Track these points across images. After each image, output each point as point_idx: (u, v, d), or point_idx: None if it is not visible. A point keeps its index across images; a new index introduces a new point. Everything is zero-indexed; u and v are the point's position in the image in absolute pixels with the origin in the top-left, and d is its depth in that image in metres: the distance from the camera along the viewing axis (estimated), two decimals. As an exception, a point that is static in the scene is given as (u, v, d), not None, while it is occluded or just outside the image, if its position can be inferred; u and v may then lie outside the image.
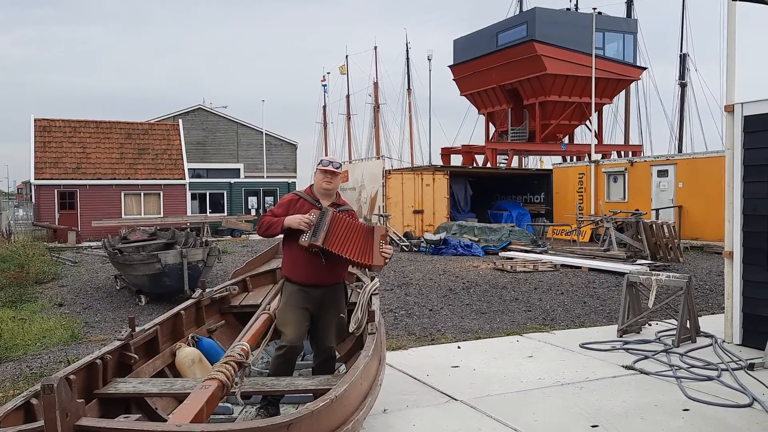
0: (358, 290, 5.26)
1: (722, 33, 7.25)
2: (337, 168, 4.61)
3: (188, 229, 18.26)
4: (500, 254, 17.22)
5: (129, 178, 27.44)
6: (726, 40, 6.81)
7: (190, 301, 5.55)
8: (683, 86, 36.67)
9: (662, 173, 20.79)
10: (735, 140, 6.88)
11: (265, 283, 6.71)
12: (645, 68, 33.98)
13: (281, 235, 4.58)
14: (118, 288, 12.06)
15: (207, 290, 5.88)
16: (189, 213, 28.26)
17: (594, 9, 28.27)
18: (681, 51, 36.77)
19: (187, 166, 29.21)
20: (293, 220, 4.39)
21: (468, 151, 34.26)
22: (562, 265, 14.44)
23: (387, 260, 4.46)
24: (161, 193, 27.86)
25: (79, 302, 11.01)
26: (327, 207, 4.50)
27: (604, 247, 16.34)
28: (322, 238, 4.29)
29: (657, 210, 20.16)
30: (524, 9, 36.04)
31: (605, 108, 34.57)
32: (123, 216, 26.57)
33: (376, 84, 50.87)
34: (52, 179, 26.30)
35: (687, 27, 37.19)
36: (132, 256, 11.42)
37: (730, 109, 6.93)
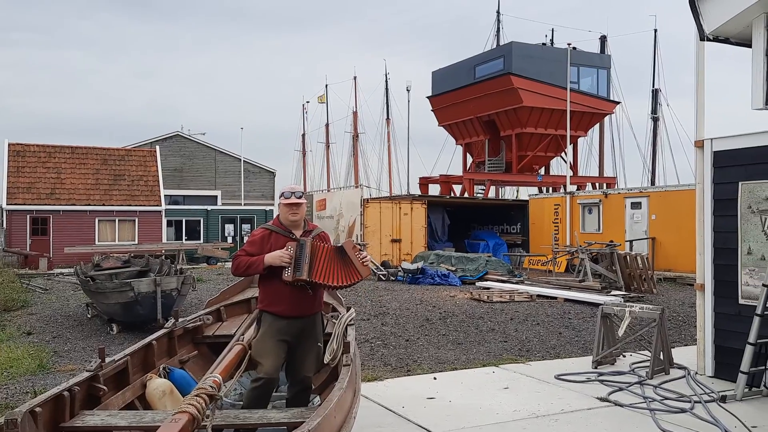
0: (334, 321, 5.23)
1: (692, 70, 7.50)
2: (299, 197, 4.58)
3: (163, 257, 18.03)
4: (477, 284, 17.26)
5: (104, 204, 27.11)
6: (695, 77, 7.01)
7: (162, 331, 5.46)
8: (655, 120, 37.55)
9: (636, 205, 21.13)
10: (705, 175, 7.04)
11: (239, 312, 6.63)
12: (618, 102, 34.75)
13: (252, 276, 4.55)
14: (89, 316, 11.83)
15: (180, 320, 5.79)
16: (164, 240, 27.94)
17: (569, 44, 28.96)
18: (653, 86, 37.77)
19: (163, 192, 28.98)
20: (274, 258, 4.34)
21: (446, 181, 34.52)
22: (538, 296, 14.51)
23: (372, 266, 4.50)
24: (136, 220, 27.55)
25: (48, 331, 10.76)
26: (303, 238, 4.48)
27: (580, 277, 16.48)
28: (307, 271, 4.27)
29: (631, 241, 20.42)
30: (501, 43, 36.80)
31: (580, 140, 35.18)
32: (97, 243, 26.18)
33: (355, 113, 51.28)
34: (24, 204, 25.89)
35: (659, 62, 38.22)
36: (104, 284, 11.23)
37: (700, 145, 7.11)
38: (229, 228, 30.60)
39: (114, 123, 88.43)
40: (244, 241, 5.01)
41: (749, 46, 4.47)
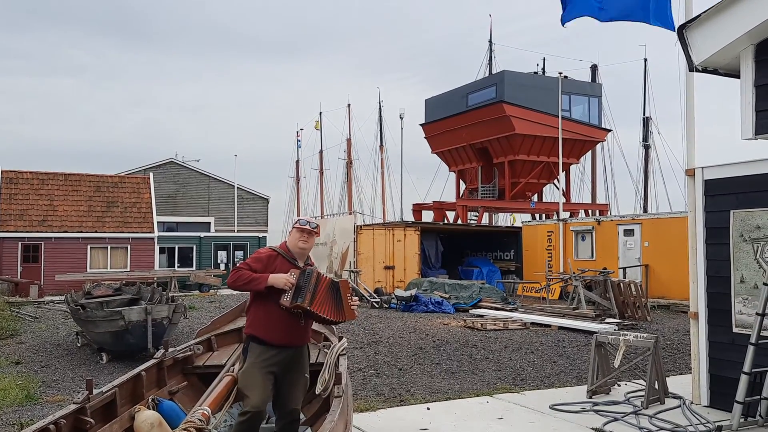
0: (326, 350, 5.18)
1: (682, 98, 7.61)
2: (314, 228, 4.56)
3: (155, 284, 17.90)
4: (471, 311, 17.18)
5: (96, 231, 26.97)
6: (685, 107, 7.09)
7: (151, 361, 5.38)
8: (647, 148, 37.84)
9: (628, 232, 21.19)
10: (696, 203, 7.07)
11: (230, 342, 6.56)
12: (610, 130, 35.06)
13: (248, 291, 4.48)
14: (78, 345, 11.69)
15: (170, 349, 5.72)
16: (157, 267, 27.76)
17: (560, 73, 29.29)
18: (644, 114, 38.12)
19: (156, 219, 28.86)
20: (279, 280, 4.28)
21: (439, 208, 34.59)
22: (532, 323, 14.44)
23: (357, 313, 4.50)
24: (129, 247, 27.39)
25: (37, 360, 10.61)
26: (310, 267, 4.48)
27: (573, 305, 16.43)
28: (309, 300, 4.25)
29: (624, 269, 20.43)
30: (494, 71, 37.19)
31: (572, 167, 35.38)
32: (88, 270, 25.98)
33: (349, 140, 51.48)
34: (16, 231, 25.72)
35: (649, 91, 38.61)
36: (95, 313, 11.10)
37: (691, 173, 7.15)
38: (222, 255, 30.44)
39: (107, 150, 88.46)
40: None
41: (738, 77, 4.53)
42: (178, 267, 28.94)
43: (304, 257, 4.61)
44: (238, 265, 4.45)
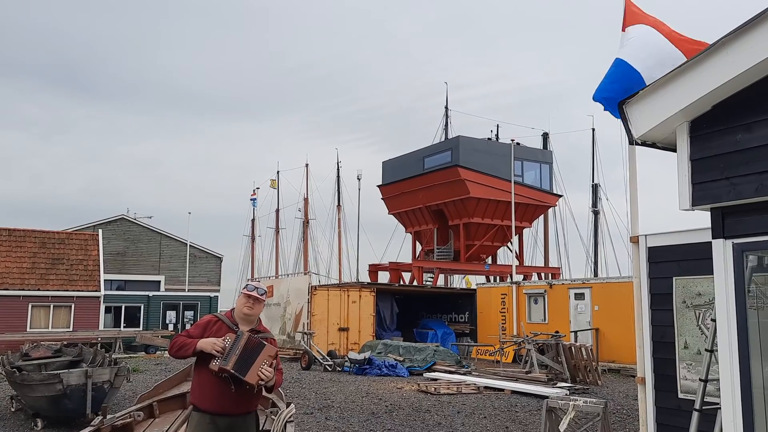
0: (273, 417, 5.03)
1: (626, 171, 7.95)
2: (261, 295, 4.47)
3: (98, 346, 17.21)
4: (425, 375, 17.00)
5: (39, 289, 25.93)
6: (629, 177, 7.37)
7: (87, 429, 5.13)
8: (596, 213, 38.99)
9: (579, 296, 21.53)
10: (641, 269, 7.26)
11: (173, 408, 6.32)
12: (561, 195, 36.13)
13: (193, 358, 4.37)
14: (13, 410, 11.06)
15: (109, 416, 5.47)
16: (102, 327, 26.74)
17: (512, 140, 30.28)
18: (593, 181, 39.46)
19: (103, 277, 28.00)
20: (207, 343, 4.21)
21: (395, 269, 34.64)
22: (486, 387, 14.36)
23: (261, 382, 4.17)
24: (73, 306, 26.36)
25: (-36, 427, 9.97)
26: (242, 331, 4.35)
27: (526, 368, 16.45)
28: (233, 363, 4.12)
29: (575, 332, 20.66)
30: (449, 136, 38.19)
31: (526, 231, 36.13)
32: (28, 329, 24.82)
33: (306, 200, 51.55)
34: (-48, 288, 24.56)
35: (597, 159, 40.20)
36: (31, 376, 10.54)
37: (635, 240, 7.38)
38: (171, 315, 29.58)
39: (54, 205, 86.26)
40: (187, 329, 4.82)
41: (675, 150, 4.76)
42: (125, 327, 27.95)
43: (249, 323, 4.48)
44: (179, 333, 4.42)
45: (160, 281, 40.00)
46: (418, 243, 37.07)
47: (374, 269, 35.86)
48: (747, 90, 3.95)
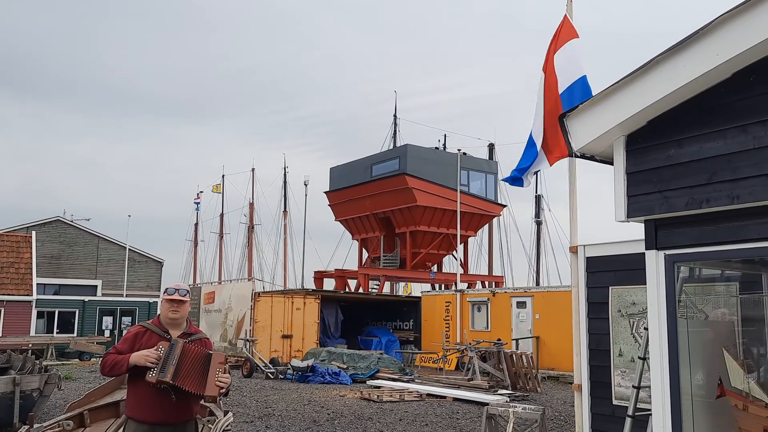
0: (210, 425, 4.92)
1: (566, 183, 8.18)
2: (183, 296, 4.37)
3: (29, 352, 16.48)
4: (368, 382, 16.97)
5: (-35, 292, 24.72)
6: (569, 189, 7.57)
7: (12, 440, 4.90)
8: (539, 224, 39.90)
9: (521, 304, 21.93)
10: (579, 279, 7.45)
11: (105, 416, 6.10)
12: (505, 206, 36.76)
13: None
14: (-70, 421, 10.44)
15: (36, 425, 5.24)
16: (33, 333, 25.63)
17: (459, 150, 30.69)
18: (536, 192, 40.39)
19: (36, 281, 26.89)
20: (139, 357, 4.08)
21: (341, 276, 34.48)
22: (428, 395, 14.43)
23: (222, 390, 4.17)
24: (2, 310, 25.21)
25: None
26: (177, 339, 4.23)
27: (468, 376, 16.62)
28: (171, 373, 4.00)
29: (517, 340, 21.01)
30: (397, 144, 38.41)
31: (470, 240, 36.59)
32: (-48, 335, 23.61)
33: (251, 204, 50.90)
34: None
35: (541, 171, 41.10)
36: (-47, 384, 10.01)
37: (574, 250, 7.56)
38: (108, 321, 28.57)
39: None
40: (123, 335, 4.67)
41: (612, 163, 4.90)
42: (58, 333, 26.84)
43: (178, 326, 4.38)
44: (106, 352, 4.29)
45: (96, 286, 38.69)
46: (364, 250, 37.06)
47: (320, 276, 35.62)
48: (680, 107, 4.10)
